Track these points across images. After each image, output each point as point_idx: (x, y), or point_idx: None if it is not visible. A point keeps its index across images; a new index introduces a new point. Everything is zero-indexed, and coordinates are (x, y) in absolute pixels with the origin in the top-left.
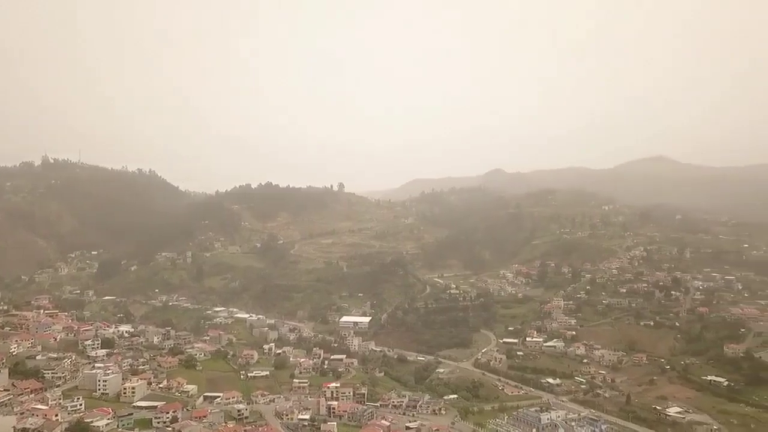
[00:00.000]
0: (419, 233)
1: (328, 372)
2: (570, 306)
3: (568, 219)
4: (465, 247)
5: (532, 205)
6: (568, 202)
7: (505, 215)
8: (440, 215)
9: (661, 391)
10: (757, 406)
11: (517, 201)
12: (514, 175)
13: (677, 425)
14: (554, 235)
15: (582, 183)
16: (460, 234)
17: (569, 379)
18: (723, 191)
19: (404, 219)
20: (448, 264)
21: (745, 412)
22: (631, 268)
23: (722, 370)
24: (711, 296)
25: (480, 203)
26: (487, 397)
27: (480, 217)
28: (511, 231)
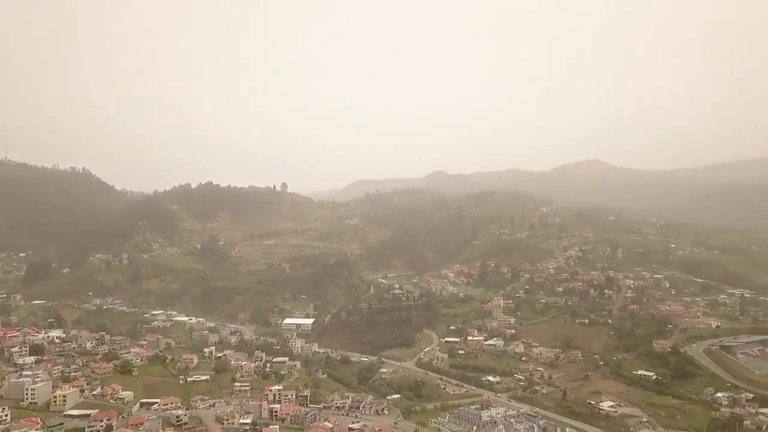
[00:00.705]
0: (363, 234)
1: (270, 375)
2: (509, 305)
3: (507, 220)
4: (408, 247)
5: (473, 206)
6: (508, 204)
7: (447, 216)
8: (384, 216)
9: (595, 386)
10: (683, 398)
11: (459, 202)
12: (456, 176)
13: (610, 419)
14: (494, 236)
15: (521, 185)
16: (403, 235)
17: (509, 376)
18: (652, 193)
19: (348, 220)
20: (392, 264)
21: (672, 404)
22: (567, 268)
23: (651, 365)
24: (641, 294)
25: (423, 204)
26: (430, 396)
27: (423, 218)
28: (453, 231)
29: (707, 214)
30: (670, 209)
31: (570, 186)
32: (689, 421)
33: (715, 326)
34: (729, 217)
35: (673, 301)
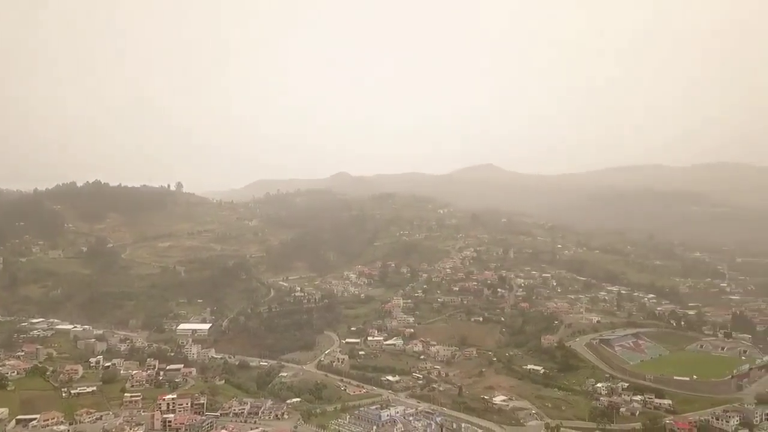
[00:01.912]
0: (264, 236)
1: (163, 383)
2: (408, 304)
3: (407, 221)
4: (311, 249)
5: (374, 208)
6: (408, 206)
7: (350, 217)
8: (286, 217)
9: (489, 382)
10: (567, 390)
11: (361, 204)
12: (359, 178)
13: (502, 412)
14: (394, 237)
15: (420, 187)
16: (305, 236)
17: (408, 375)
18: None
19: (248, 221)
20: (294, 266)
21: (558, 395)
22: (462, 268)
23: (540, 360)
24: (531, 292)
25: (326, 205)
26: (330, 398)
27: (325, 219)
28: (356, 233)
29: (589, 216)
30: (556, 211)
31: (466, 189)
32: (573, 411)
33: (595, 321)
34: (607, 219)
35: (559, 298)
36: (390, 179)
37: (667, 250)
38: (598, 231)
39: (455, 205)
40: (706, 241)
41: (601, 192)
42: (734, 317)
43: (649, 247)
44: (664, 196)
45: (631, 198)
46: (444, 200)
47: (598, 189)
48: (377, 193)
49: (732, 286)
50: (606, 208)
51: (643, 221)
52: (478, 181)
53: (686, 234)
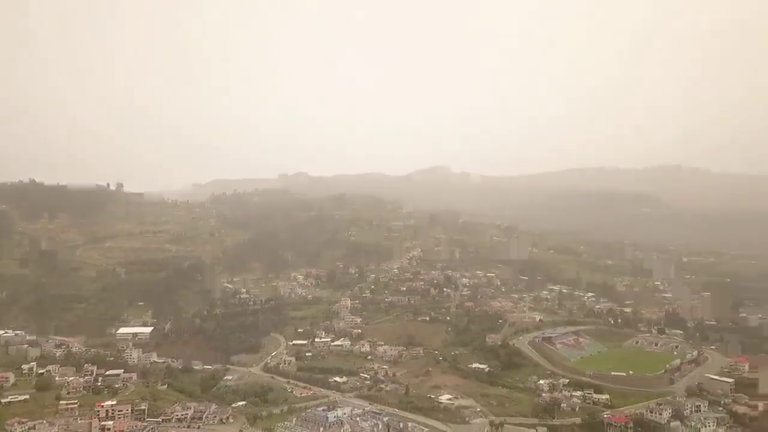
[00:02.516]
0: (220, 236)
1: (102, 389)
2: (356, 305)
3: (366, 222)
4: (269, 249)
5: (333, 208)
6: (366, 206)
7: (308, 218)
8: (242, 217)
9: (435, 381)
10: (511, 387)
11: (320, 204)
12: (317, 178)
13: (448, 411)
14: (354, 238)
15: (379, 188)
16: (262, 236)
17: (355, 375)
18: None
19: (203, 221)
20: (251, 267)
21: (502, 393)
22: (418, 268)
23: (484, 358)
24: (476, 292)
25: (283, 205)
26: (277, 400)
27: (283, 220)
28: (315, 233)
29: (543, 216)
30: (512, 212)
31: (425, 190)
32: (517, 407)
33: (538, 320)
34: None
35: (503, 298)
36: (349, 180)
37: (617, 250)
38: (552, 231)
39: (414, 206)
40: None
41: (555, 193)
42: (667, 314)
43: (600, 246)
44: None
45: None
46: (403, 201)
47: (553, 190)
48: (336, 193)
49: (666, 284)
50: (561, 208)
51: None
52: (437, 182)
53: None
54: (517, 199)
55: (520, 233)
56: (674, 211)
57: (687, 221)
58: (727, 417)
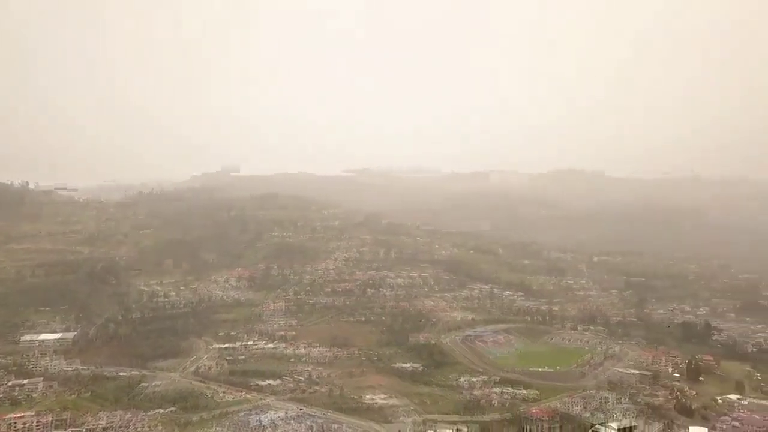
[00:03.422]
0: (136, 237)
1: (5, 401)
2: (290, 307)
3: (291, 222)
4: (188, 251)
5: (257, 207)
6: (292, 206)
7: (231, 217)
8: (161, 217)
9: (368, 381)
10: (442, 385)
11: (243, 204)
12: (239, 176)
13: (380, 410)
14: (278, 238)
15: (306, 188)
16: (183, 237)
17: (287, 378)
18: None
19: (118, 221)
20: (170, 269)
21: (434, 391)
22: (345, 269)
23: (417, 357)
24: (408, 292)
25: (204, 205)
26: (206, 405)
27: (204, 220)
28: (237, 233)
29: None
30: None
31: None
32: (447, 405)
33: (466, 318)
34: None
35: (435, 297)
36: (274, 179)
37: (532, 250)
38: (473, 232)
39: (340, 207)
40: (561, 241)
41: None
42: (589, 311)
43: (517, 247)
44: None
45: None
46: (329, 201)
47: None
48: (260, 192)
49: (589, 283)
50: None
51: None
52: (363, 183)
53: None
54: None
55: (442, 234)
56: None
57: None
58: (631, 407)
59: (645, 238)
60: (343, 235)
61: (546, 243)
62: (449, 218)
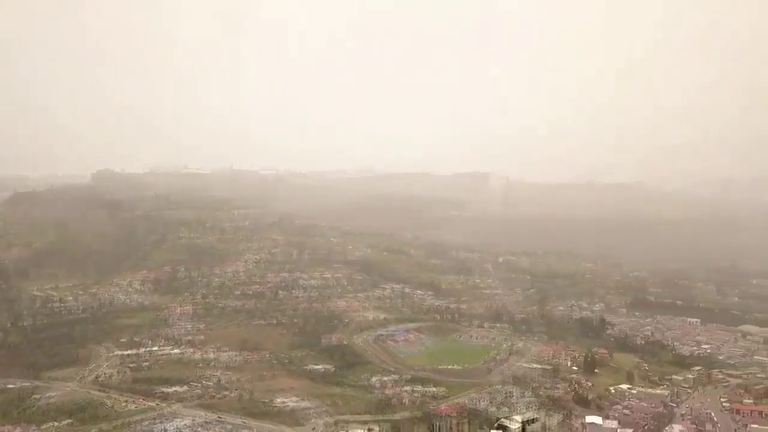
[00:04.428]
0: (30, 237)
1: None
2: (198, 310)
3: (199, 223)
4: (88, 252)
5: (162, 207)
6: (200, 206)
7: (133, 218)
8: (48, 218)
9: (279, 384)
10: (354, 386)
11: (145, 204)
12: (132, 175)
13: (291, 413)
14: (185, 239)
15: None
16: (82, 238)
17: (195, 384)
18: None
19: (7, 220)
20: (68, 272)
21: (345, 392)
22: (256, 271)
23: (329, 358)
24: (321, 293)
25: (98, 205)
26: (106, 416)
27: (107, 219)
28: (141, 235)
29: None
30: (349, 213)
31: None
32: (359, 405)
33: (378, 318)
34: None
35: (348, 298)
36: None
37: (440, 250)
38: (384, 232)
39: (252, 207)
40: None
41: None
42: (495, 309)
43: (426, 247)
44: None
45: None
46: (240, 201)
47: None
48: (164, 192)
49: (495, 282)
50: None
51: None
52: (276, 182)
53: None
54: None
55: (356, 235)
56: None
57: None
58: (533, 400)
59: (548, 240)
60: (254, 236)
61: (456, 243)
62: (364, 219)
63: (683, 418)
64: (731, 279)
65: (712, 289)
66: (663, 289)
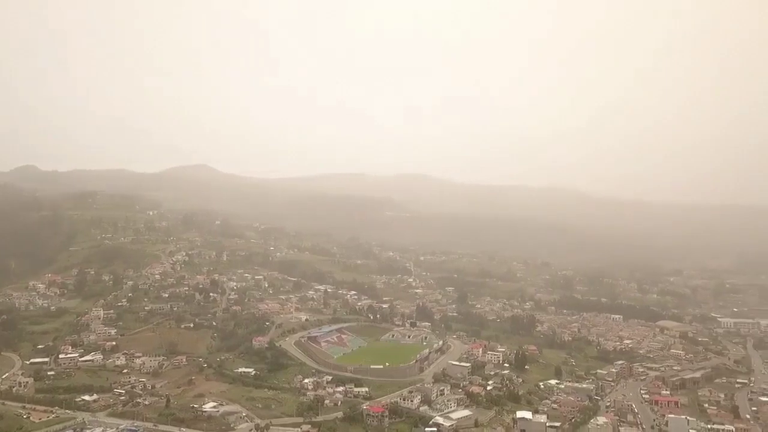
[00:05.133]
0: None
1: None
2: (111, 315)
3: (110, 223)
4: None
5: (71, 207)
6: (111, 206)
7: (39, 218)
8: None
9: (199, 389)
10: (277, 389)
11: (54, 203)
12: (50, 173)
13: (212, 419)
14: (95, 241)
15: (126, 186)
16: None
17: (108, 392)
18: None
19: None
20: None
21: (268, 395)
22: (173, 273)
23: (251, 361)
24: (243, 295)
25: (6, 204)
26: (21, 428)
27: (6, 220)
28: (47, 236)
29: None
30: (270, 214)
31: (178, 189)
32: (283, 408)
33: (304, 319)
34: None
35: (271, 299)
36: (90, 175)
37: (367, 251)
38: (307, 233)
39: (166, 206)
40: (398, 242)
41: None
42: (418, 308)
43: (352, 247)
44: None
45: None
46: (154, 200)
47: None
48: (74, 190)
49: (417, 281)
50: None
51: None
52: (192, 182)
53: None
54: (273, 202)
55: (278, 235)
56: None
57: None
58: (464, 397)
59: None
60: (170, 237)
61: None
62: (291, 220)
63: (607, 410)
64: (651, 277)
65: (634, 286)
66: (589, 287)
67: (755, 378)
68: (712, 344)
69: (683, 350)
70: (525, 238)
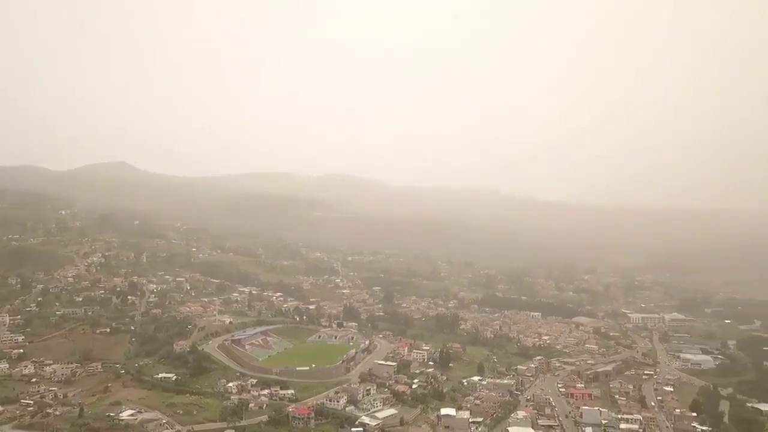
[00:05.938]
0: None
1: None
2: (18, 321)
3: (18, 223)
4: None
5: None
6: (19, 204)
7: None
8: None
9: (115, 397)
10: (200, 394)
11: None
12: None
13: (130, 427)
14: (1, 242)
15: (36, 184)
16: None
17: (14, 403)
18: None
19: None
20: None
21: (190, 400)
22: (88, 275)
23: (172, 366)
24: (164, 298)
25: None
26: None
27: None
28: None
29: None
30: (193, 215)
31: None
32: (205, 413)
33: (228, 322)
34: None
35: (193, 302)
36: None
37: (293, 251)
38: (232, 233)
39: (80, 205)
40: (325, 242)
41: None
42: (345, 309)
43: (278, 248)
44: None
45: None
46: (67, 199)
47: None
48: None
49: (344, 281)
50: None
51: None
52: (109, 180)
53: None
54: (197, 202)
55: (201, 236)
56: (342, 215)
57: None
58: (390, 396)
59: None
60: (84, 238)
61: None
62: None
63: (527, 404)
64: (567, 276)
65: (552, 285)
66: (510, 285)
67: (660, 369)
68: (623, 338)
69: (597, 345)
70: (449, 238)
